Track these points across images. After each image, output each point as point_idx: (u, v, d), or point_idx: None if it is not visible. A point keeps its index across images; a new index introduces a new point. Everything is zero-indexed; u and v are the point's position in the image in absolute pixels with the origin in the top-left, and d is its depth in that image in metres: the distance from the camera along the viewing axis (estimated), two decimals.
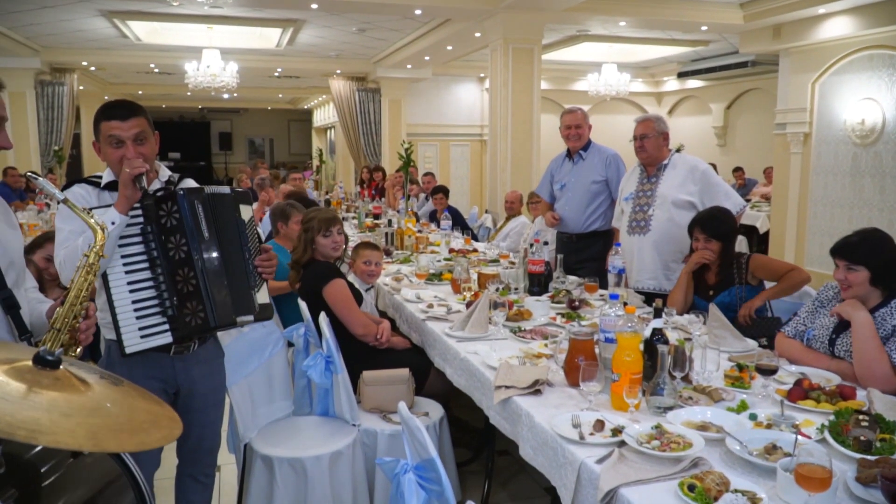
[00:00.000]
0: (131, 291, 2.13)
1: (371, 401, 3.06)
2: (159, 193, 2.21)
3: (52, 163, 11.58)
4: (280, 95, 19.17)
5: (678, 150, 4.39)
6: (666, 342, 2.24)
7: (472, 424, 3.78)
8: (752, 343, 2.86)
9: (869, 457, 1.73)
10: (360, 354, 3.29)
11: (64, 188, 2.21)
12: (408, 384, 3.08)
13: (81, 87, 12.78)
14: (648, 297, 3.66)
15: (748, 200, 9.90)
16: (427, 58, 11.06)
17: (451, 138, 13.68)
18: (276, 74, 13.36)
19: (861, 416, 1.93)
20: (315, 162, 18.09)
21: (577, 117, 4.71)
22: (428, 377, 3.32)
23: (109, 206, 2.11)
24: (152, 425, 1.20)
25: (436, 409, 3.11)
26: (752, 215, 9.46)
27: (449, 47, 10.02)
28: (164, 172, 2.35)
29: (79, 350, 1.82)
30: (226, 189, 2.34)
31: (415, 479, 1.85)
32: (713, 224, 3.47)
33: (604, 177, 4.61)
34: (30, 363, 1.15)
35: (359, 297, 3.47)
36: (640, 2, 7.91)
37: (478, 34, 8.65)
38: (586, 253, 4.59)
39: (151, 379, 2.24)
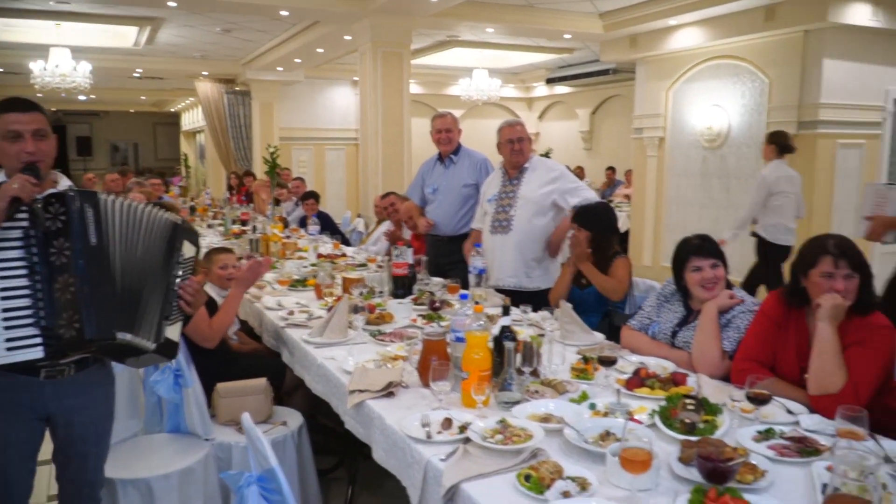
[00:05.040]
0: (3, 299, 1.93)
1: (227, 413, 2.94)
2: (50, 194, 2.01)
3: None
4: (143, 97, 18.23)
5: (546, 155, 4.55)
6: (513, 339, 2.30)
7: (337, 430, 3.72)
8: (599, 336, 2.99)
9: (692, 437, 1.85)
10: (216, 366, 3.15)
11: None
12: (265, 394, 2.99)
13: None
14: (518, 297, 3.75)
15: (610, 201, 10.41)
16: (298, 60, 10.86)
17: (325, 142, 13.49)
18: (137, 75, 12.67)
19: (688, 401, 2.05)
20: (184, 168, 17.31)
21: (447, 121, 4.76)
22: (284, 381, 3.24)
23: None
24: None
25: (295, 418, 3.04)
26: None
27: (319, 50, 9.88)
28: (64, 182, 2.19)
29: None
30: (142, 205, 2.17)
31: (258, 490, 1.80)
32: (586, 215, 3.68)
33: (474, 180, 4.69)
34: None
35: (213, 306, 3.33)
36: (505, 10, 8.13)
37: (347, 37, 8.58)
38: (458, 254, 4.65)
39: (18, 406, 2.07)
